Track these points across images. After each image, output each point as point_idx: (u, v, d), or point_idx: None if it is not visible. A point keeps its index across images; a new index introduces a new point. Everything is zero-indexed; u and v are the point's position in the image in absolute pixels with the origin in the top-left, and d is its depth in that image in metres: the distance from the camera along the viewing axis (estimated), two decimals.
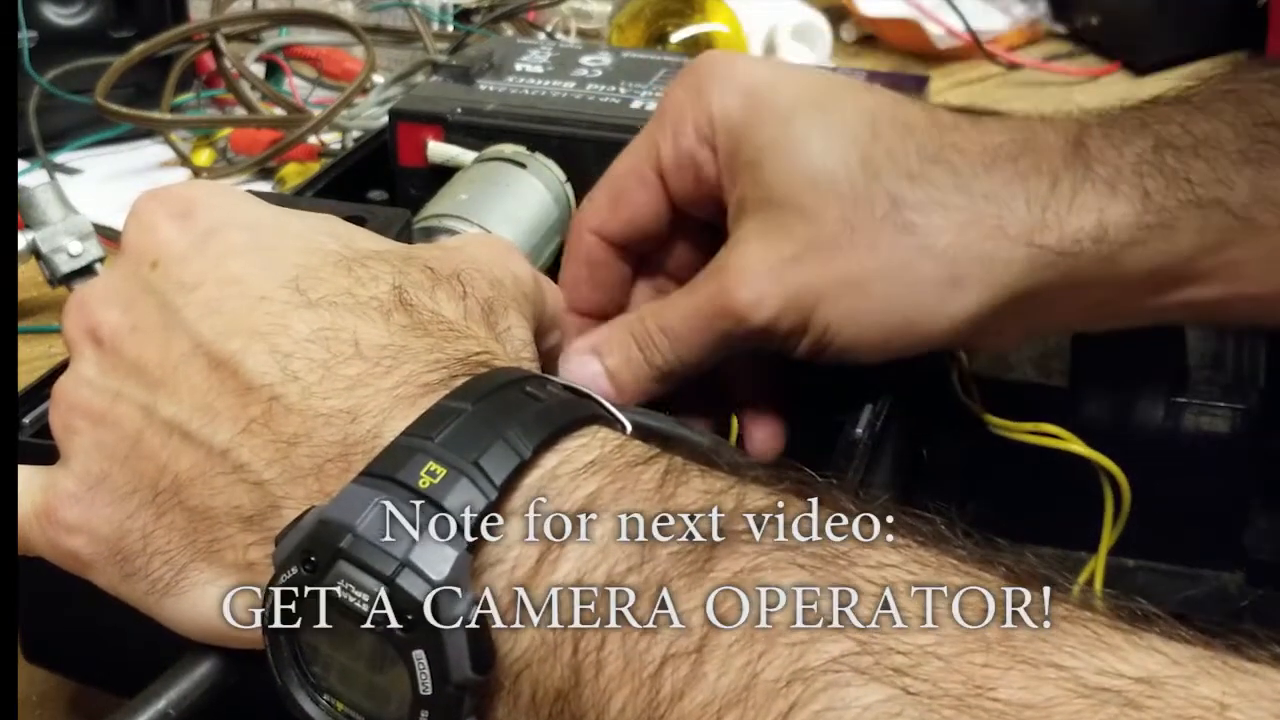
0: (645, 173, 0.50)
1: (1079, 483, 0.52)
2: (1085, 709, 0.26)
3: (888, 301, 0.46)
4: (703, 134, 0.49)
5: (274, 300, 0.36)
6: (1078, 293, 0.47)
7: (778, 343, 0.47)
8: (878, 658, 0.28)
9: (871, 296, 0.46)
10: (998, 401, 0.53)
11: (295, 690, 0.33)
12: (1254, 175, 0.46)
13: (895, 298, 0.46)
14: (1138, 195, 0.46)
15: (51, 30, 0.94)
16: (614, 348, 0.49)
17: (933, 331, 0.46)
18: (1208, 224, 0.46)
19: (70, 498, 0.37)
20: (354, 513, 0.31)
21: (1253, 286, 0.47)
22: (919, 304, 0.46)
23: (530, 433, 0.33)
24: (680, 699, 0.29)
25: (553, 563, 0.31)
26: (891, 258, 0.46)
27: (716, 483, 0.33)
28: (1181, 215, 0.46)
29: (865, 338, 0.47)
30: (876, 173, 0.46)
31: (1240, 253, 0.47)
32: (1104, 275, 0.46)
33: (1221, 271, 0.47)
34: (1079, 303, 0.48)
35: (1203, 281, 0.47)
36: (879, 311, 0.46)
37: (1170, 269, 0.47)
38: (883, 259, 0.46)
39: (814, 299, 0.46)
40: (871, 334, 0.47)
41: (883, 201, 0.46)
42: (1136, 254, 0.46)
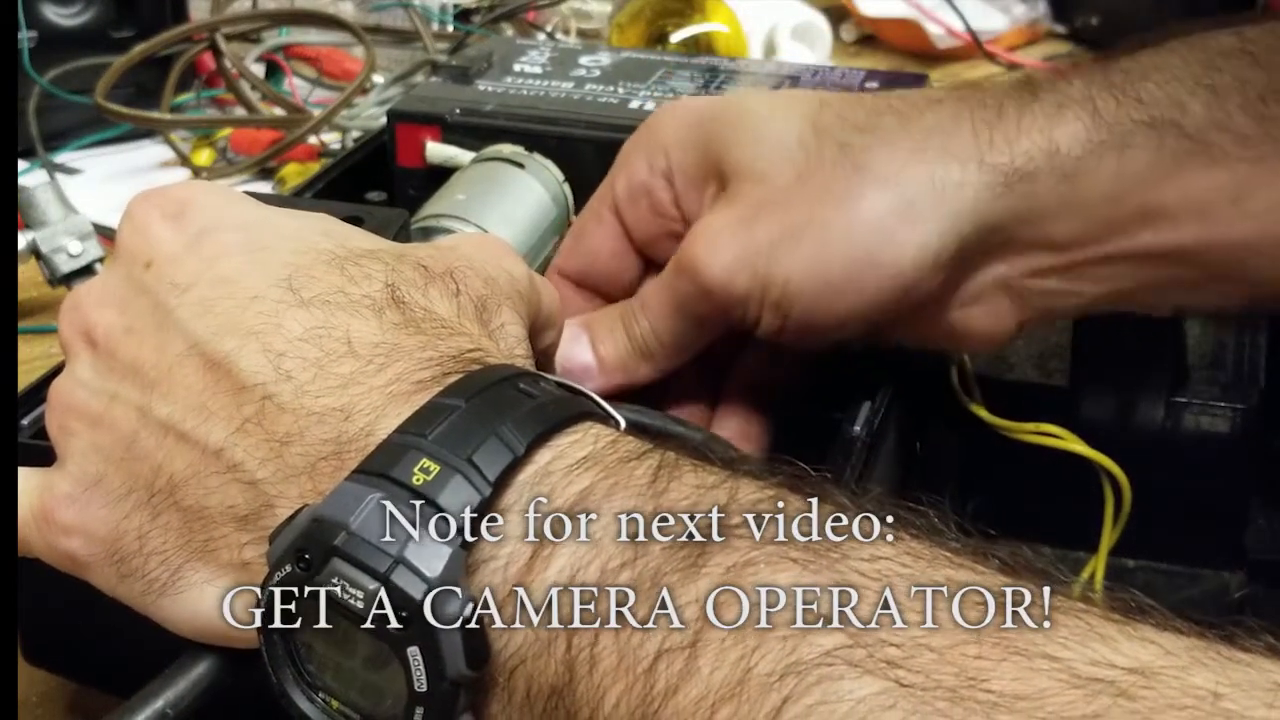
0: (601, 212, 0.52)
1: (1079, 482, 0.52)
2: (1078, 699, 0.26)
3: (845, 242, 0.46)
4: (655, 166, 0.50)
5: (267, 299, 0.36)
6: (1040, 226, 0.46)
7: (739, 309, 0.47)
8: (871, 650, 0.28)
9: (827, 239, 0.46)
10: (998, 401, 0.53)
11: (290, 688, 0.33)
12: (1208, 100, 0.46)
13: (851, 236, 0.46)
14: (1087, 113, 0.46)
15: (51, 30, 0.94)
16: (601, 322, 0.50)
17: (896, 272, 0.46)
18: (1162, 145, 0.46)
19: (66, 499, 0.37)
20: (347, 510, 0.31)
21: (1222, 228, 0.46)
22: (876, 240, 0.46)
23: (523, 429, 0.33)
24: (674, 694, 0.29)
25: (546, 559, 0.31)
26: (844, 197, 0.46)
27: (709, 478, 0.33)
28: (1134, 132, 0.46)
29: (828, 292, 0.46)
30: (826, 130, 0.47)
31: (1202, 184, 0.46)
32: (1063, 201, 0.46)
33: (1187, 208, 0.46)
34: (1044, 239, 0.47)
35: (1170, 220, 0.46)
36: (838, 256, 0.46)
37: (1131, 197, 0.46)
38: (834, 199, 0.46)
39: (769, 251, 0.46)
40: (834, 284, 0.46)
41: (831, 150, 0.47)
42: (1092, 175, 0.46)
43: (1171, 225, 0.46)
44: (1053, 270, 0.48)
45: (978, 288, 0.48)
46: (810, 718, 0.27)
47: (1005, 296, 0.48)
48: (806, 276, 0.46)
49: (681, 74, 0.67)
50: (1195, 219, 0.46)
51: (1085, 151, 0.46)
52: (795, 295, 0.46)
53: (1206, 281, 0.47)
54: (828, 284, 0.46)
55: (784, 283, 0.46)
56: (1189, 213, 0.46)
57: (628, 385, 0.50)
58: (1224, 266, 0.47)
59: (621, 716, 0.29)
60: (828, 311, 0.47)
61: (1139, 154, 0.46)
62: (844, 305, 0.46)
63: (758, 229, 0.47)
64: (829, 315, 0.47)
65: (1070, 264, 0.47)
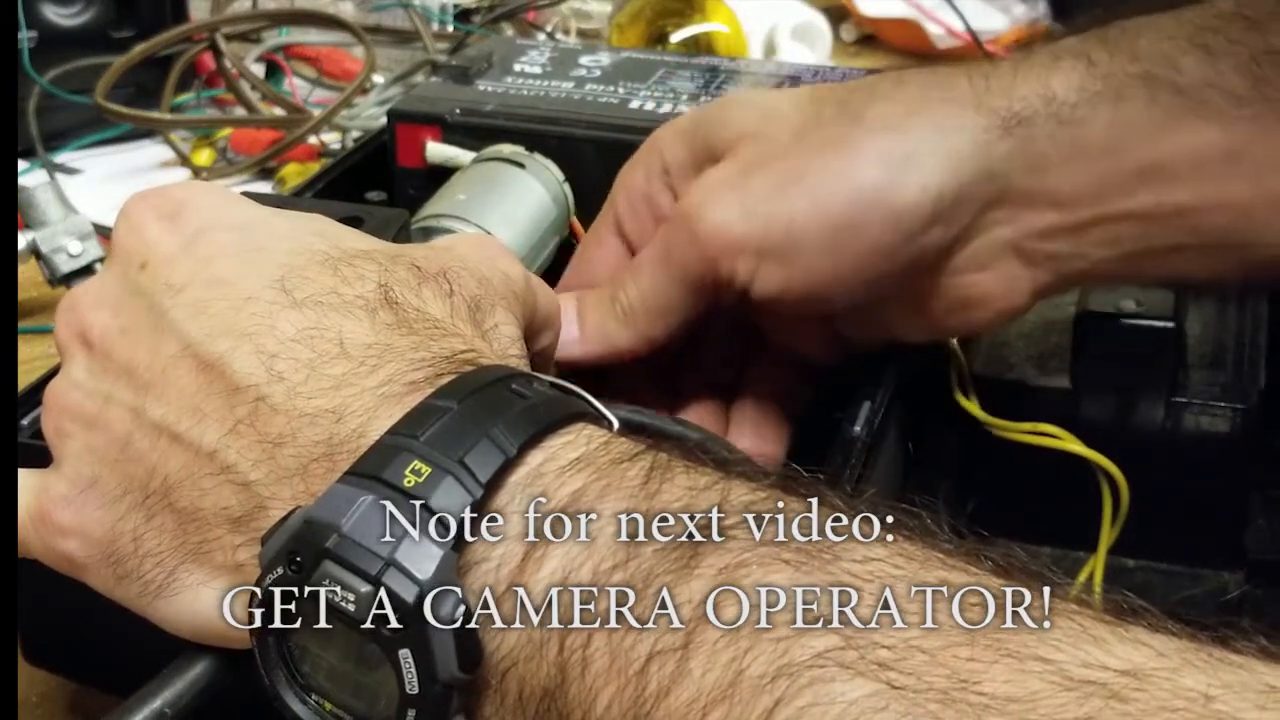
0: (601, 233, 0.52)
1: (1078, 482, 0.52)
2: (1070, 701, 0.26)
3: (845, 184, 0.46)
4: (653, 171, 0.50)
5: (260, 300, 0.36)
6: (1041, 177, 0.46)
7: (735, 261, 0.46)
8: (863, 652, 0.28)
9: (827, 182, 0.46)
10: (998, 401, 0.53)
11: (284, 690, 0.33)
12: (1202, 59, 0.46)
13: (852, 178, 0.46)
14: (1081, 65, 0.47)
15: (51, 30, 0.94)
16: (590, 292, 0.50)
17: (897, 213, 0.46)
18: (1156, 98, 0.46)
19: (63, 501, 0.37)
20: (339, 512, 0.31)
21: (1219, 187, 0.46)
22: (877, 181, 0.46)
23: (516, 431, 0.33)
24: (666, 696, 0.29)
25: (538, 560, 0.31)
26: (844, 144, 0.47)
27: (701, 479, 0.32)
28: (1128, 84, 0.46)
29: (829, 235, 0.46)
30: (822, 96, 0.48)
31: (1198, 140, 0.46)
32: (1061, 150, 0.46)
33: (1184, 165, 0.46)
34: (1047, 194, 0.47)
35: (1167, 177, 0.46)
36: (839, 197, 0.46)
37: (1128, 150, 0.46)
38: (834, 147, 0.47)
39: (768, 196, 0.46)
40: (835, 226, 0.46)
41: (830, 109, 0.48)
42: (1088, 124, 0.46)
43: (1169, 183, 0.46)
44: (1058, 230, 0.47)
45: (986, 250, 0.48)
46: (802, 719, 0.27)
47: (1014, 260, 0.48)
48: (808, 219, 0.46)
49: (682, 74, 0.67)
50: (1192, 176, 0.46)
51: (1081, 99, 0.46)
52: (797, 240, 0.46)
53: (1206, 249, 0.47)
54: (828, 226, 0.46)
55: (785, 226, 0.46)
56: (1186, 169, 0.46)
57: (608, 354, 0.49)
58: (1223, 231, 0.47)
59: (613, 718, 0.29)
60: (829, 260, 0.46)
61: (1133, 106, 0.46)
62: (846, 252, 0.46)
63: (755, 178, 0.47)
64: (830, 265, 0.46)
65: (1074, 224, 0.47)
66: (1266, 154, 0.46)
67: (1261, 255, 0.47)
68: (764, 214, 0.46)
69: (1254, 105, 0.45)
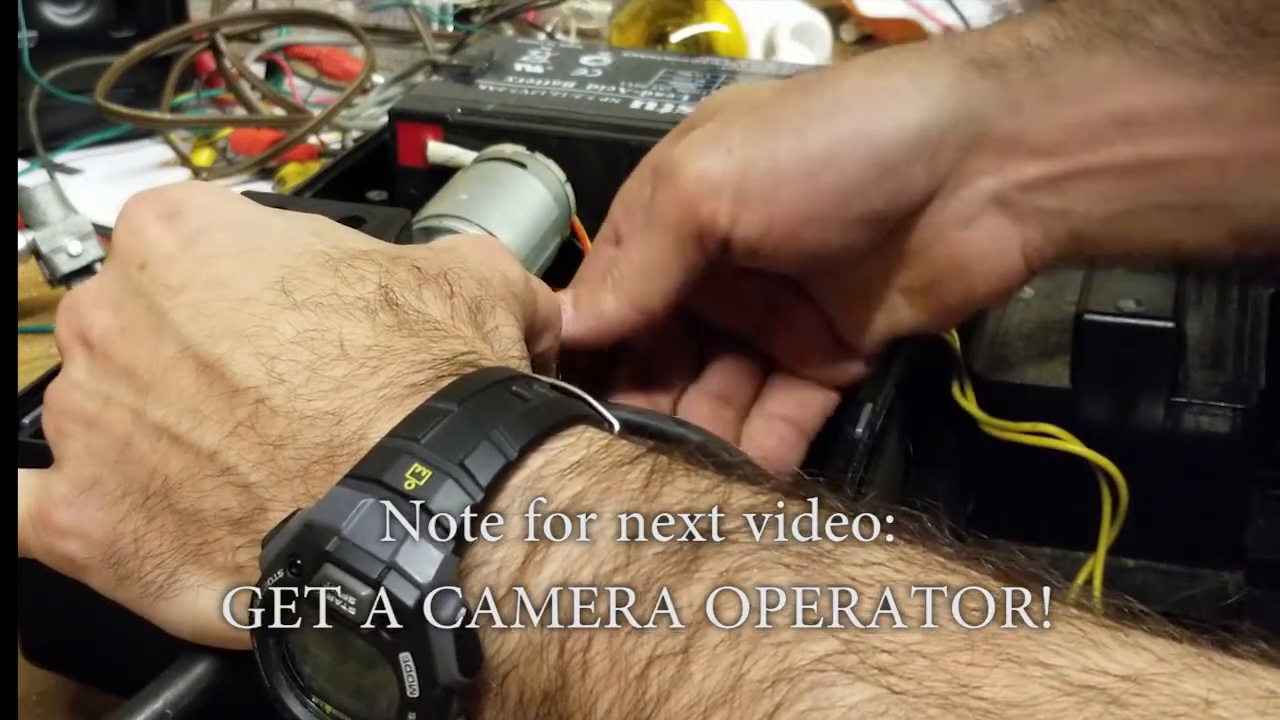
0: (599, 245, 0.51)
1: (1078, 482, 0.52)
2: (1070, 707, 0.26)
3: (825, 121, 0.47)
4: (645, 178, 0.50)
5: (260, 302, 0.36)
6: (1018, 120, 0.47)
7: (716, 207, 0.47)
8: (863, 657, 0.28)
9: (807, 121, 0.47)
10: (997, 401, 0.53)
11: (284, 692, 0.33)
12: (1172, 18, 0.46)
13: (831, 116, 0.47)
14: (1054, 16, 0.48)
15: (51, 30, 0.94)
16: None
17: (876, 146, 0.46)
18: (1129, 51, 0.46)
19: (63, 502, 0.37)
20: (339, 515, 0.31)
21: (1196, 139, 0.46)
22: (855, 116, 0.47)
23: (516, 433, 0.33)
24: (666, 700, 0.29)
25: (539, 564, 0.31)
26: (823, 91, 0.48)
27: (702, 482, 0.32)
28: (1099, 36, 0.47)
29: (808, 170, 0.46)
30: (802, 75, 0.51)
31: (1173, 92, 0.46)
32: (1036, 95, 0.47)
33: (1160, 116, 0.46)
34: (1026, 141, 0.47)
35: (1144, 128, 0.46)
36: (818, 133, 0.47)
37: (1104, 99, 0.46)
38: (814, 95, 0.48)
39: (747, 140, 0.47)
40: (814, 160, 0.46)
41: (807, 76, 0.49)
42: (1062, 70, 0.47)
43: (1147, 134, 0.47)
44: (1040, 182, 0.47)
45: (971, 204, 0.48)
46: None
47: (1000, 214, 0.48)
48: (787, 156, 0.46)
49: (683, 74, 0.67)
50: (1169, 129, 0.46)
51: (1054, 46, 0.47)
52: (777, 178, 0.46)
53: (1192, 210, 0.47)
54: (807, 161, 0.46)
55: (765, 164, 0.46)
56: (1163, 121, 0.46)
57: (604, 329, 0.49)
58: (1205, 188, 0.47)
59: None
60: (809, 197, 0.46)
61: (1107, 57, 0.47)
62: (826, 189, 0.46)
63: (734, 127, 0.48)
64: (810, 203, 0.46)
65: (1056, 174, 0.47)
66: (1243, 109, 0.46)
67: (1246, 219, 0.47)
68: (742, 155, 0.47)
69: (1227, 61, 0.46)
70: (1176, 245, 0.48)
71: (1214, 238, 0.48)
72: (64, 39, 0.94)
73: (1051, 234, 0.48)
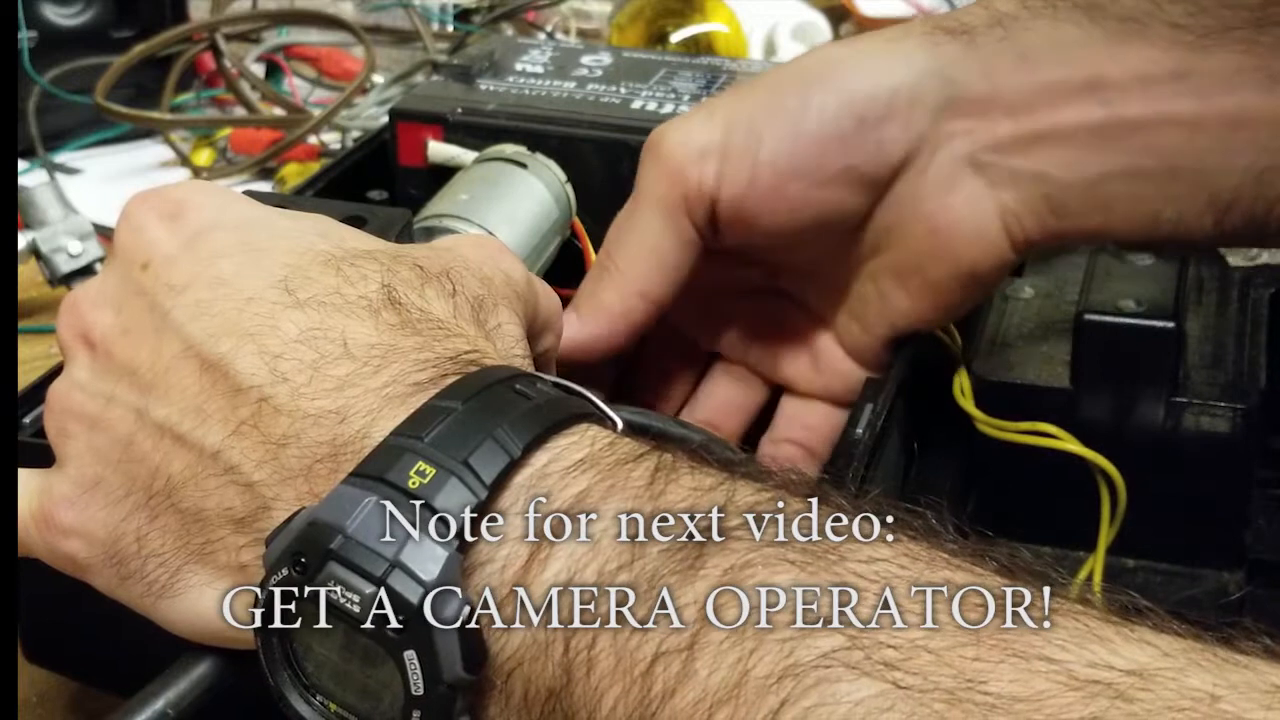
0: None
1: (1079, 482, 0.52)
2: (1076, 701, 0.26)
3: (798, 76, 0.49)
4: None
5: (263, 301, 0.36)
6: (989, 80, 0.47)
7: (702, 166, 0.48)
8: (868, 652, 0.28)
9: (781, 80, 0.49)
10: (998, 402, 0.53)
11: (288, 691, 0.33)
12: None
13: (805, 71, 0.49)
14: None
15: (51, 30, 0.94)
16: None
17: (850, 96, 0.47)
18: (1094, 21, 0.47)
19: (65, 501, 0.37)
20: (344, 514, 0.31)
21: (1167, 103, 0.46)
22: (830, 69, 0.49)
23: (520, 431, 0.33)
24: (672, 696, 0.29)
25: (543, 561, 0.31)
26: (801, 60, 0.51)
27: (706, 480, 0.32)
28: (1066, 7, 0.48)
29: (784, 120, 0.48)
30: None
31: (1141, 57, 0.47)
32: (1006, 56, 0.47)
33: (1129, 79, 0.47)
34: (997, 100, 0.47)
35: (1115, 90, 0.47)
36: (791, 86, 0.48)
37: (1072, 62, 0.47)
38: (793, 64, 0.51)
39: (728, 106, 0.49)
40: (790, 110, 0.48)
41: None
42: (1030, 34, 0.48)
43: (1116, 96, 0.47)
44: (1012, 142, 0.48)
45: (946, 169, 0.48)
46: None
47: (975, 177, 0.48)
48: (766, 111, 0.48)
49: (683, 74, 0.67)
50: (1139, 92, 0.47)
51: (1022, 13, 0.48)
52: (757, 133, 0.48)
53: (1165, 175, 0.47)
54: (784, 111, 0.48)
55: (745, 122, 0.48)
56: (1132, 84, 0.47)
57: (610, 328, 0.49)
58: (1176, 151, 0.47)
59: (619, 719, 0.29)
60: (788, 149, 0.48)
61: (1074, 27, 0.47)
62: (804, 138, 0.48)
63: (714, 102, 0.50)
64: (789, 154, 0.48)
65: (1028, 134, 0.48)
66: (1211, 74, 0.46)
67: (1221, 184, 0.46)
68: (723, 117, 0.48)
69: (1193, 32, 0.46)
70: (1156, 217, 0.48)
71: (1192, 207, 0.47)
72: (64, 39, 0.94)
73: (1029, 201, 0.48)
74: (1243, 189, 0.46)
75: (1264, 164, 0.46)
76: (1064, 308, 0.58)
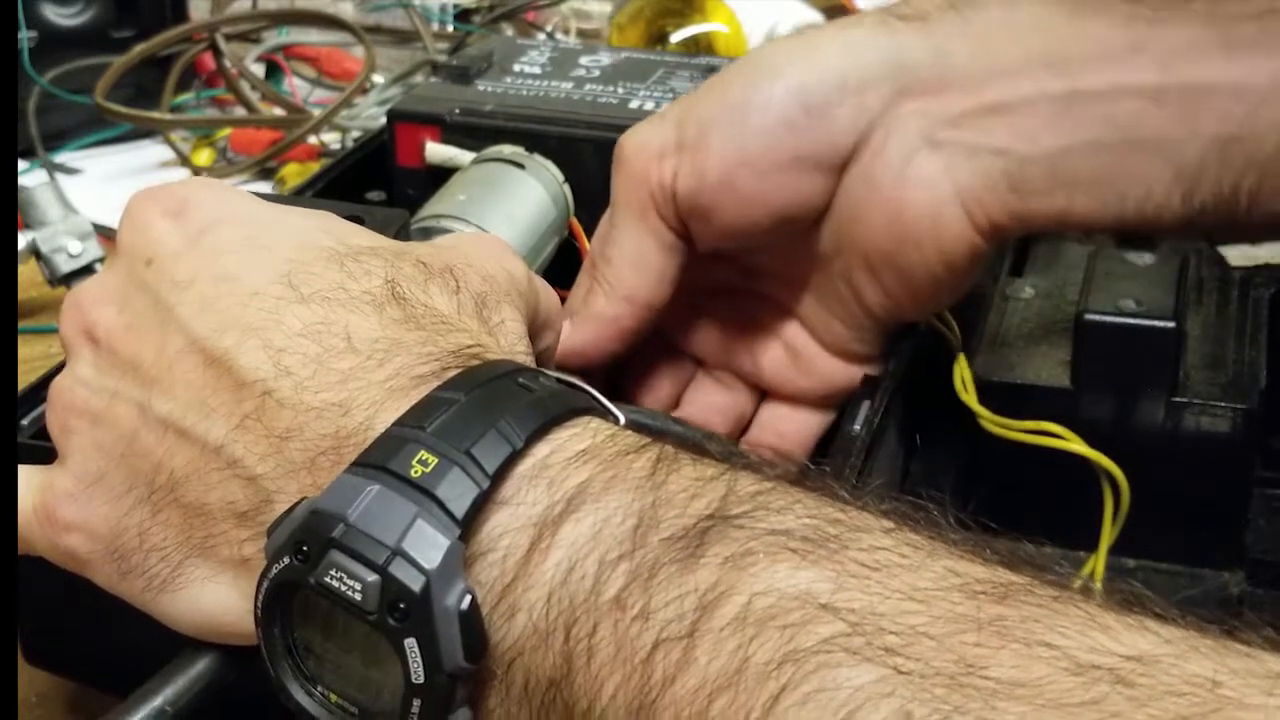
0: None
1: (1080, 482, 0.52)
2: (1076, 686, 0.26)
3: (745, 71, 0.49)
4: None
5: (266, 296, 0.36)
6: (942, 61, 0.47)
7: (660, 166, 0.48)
8: (869, 638, 0.28)
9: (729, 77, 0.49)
10: (998, 401, 0.53)
11: (289, 682, 0.33)
12: None
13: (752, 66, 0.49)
14: None
15: (51, 30, 0.94)
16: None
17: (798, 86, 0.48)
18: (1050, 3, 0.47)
19: (68, 497, 0.37)
20: (346, 502, 0.31)
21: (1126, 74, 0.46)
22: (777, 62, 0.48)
23: (522, 422, 0.33)
24: (672, 684, 0.29)
25: (544, 551, 0.31)
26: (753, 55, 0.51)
27: (707, 470, 0.32)
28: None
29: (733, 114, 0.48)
30: None
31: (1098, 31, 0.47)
32: (963, 39, 0.47)
33: (1087, 52, 0.46)
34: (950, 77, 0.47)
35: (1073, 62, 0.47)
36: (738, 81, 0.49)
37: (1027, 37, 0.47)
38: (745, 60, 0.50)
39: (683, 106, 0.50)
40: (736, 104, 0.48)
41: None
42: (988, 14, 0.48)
43: (1075, 69, 0.47)
44: (967, 115, 0.47)
45: (901, 149, 0.47)
46: (808, 705, 0.27)
47: (932, 156, 0.47)
48: (715, 107, 0.48)
49: (681, 74, 0.67)
50: (1098, 64, 0.47)
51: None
52: (707, 128, 0.48)
53: (1128, 147, 0.47)
54: (730, 105, 0.48)
55: (696, 119, 0.48)
56: (1091, 56, 0.47)
57: (604, 331, 0.50)
58: (1135, 121, 0.46)
59: (619, 707, 0.29)
60: (737, 140, 0.48)
61: (1028, 9, 0.48)
62: (752, 129, 0.48)
63: (674, 105, 0.51)
64: (738, 146, 0.48)
65: (982, 106, 0.47)
66: (1171, 45, 0.46)
67: (1185, 155, 0.46)
68: (676, 116, 0.49)
69: (1149, 5, 0.46)
70: (1122, 197, 0.47)
71: (1158, 184, 0.47)
72: (64, 39, 0.95)
73: (987, 178, 0.47)
74: (1207, 161, 0.46)
75: (1227, 133, 0.45)
76: (1064, 308, 0.58)
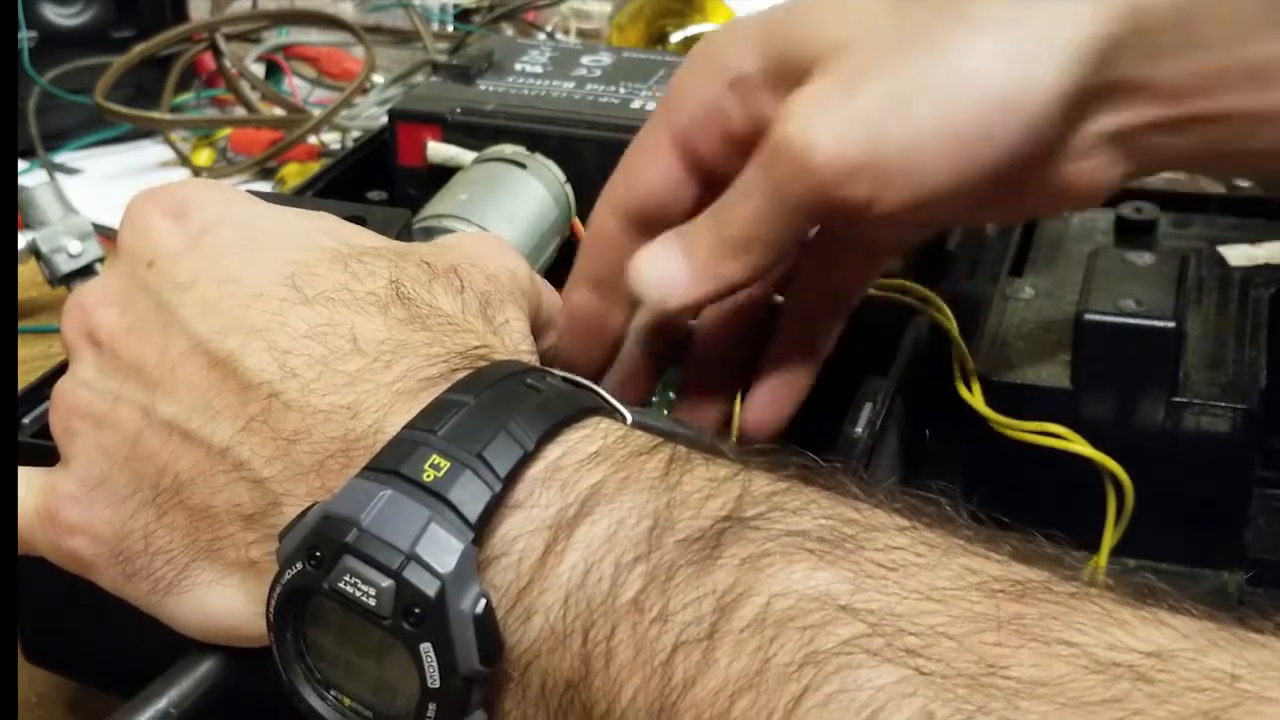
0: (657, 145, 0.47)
1: (1081, 482, 0.52)
2: (1097, 684, 0.26)
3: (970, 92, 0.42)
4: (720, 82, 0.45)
5: (270, 297, 0.36)
6: (1152, 66, 0.44)
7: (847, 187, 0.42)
8: (889, 639, 0.28)
9: (951, 92, 0.42)
10: (999, 401, 0.53)
11: (301, 686, 0.33)
12: None
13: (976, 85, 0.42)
14: None
15: (51, 30, 0.94)
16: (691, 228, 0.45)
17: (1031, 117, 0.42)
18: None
19: (71, 499, 0.37)
20: (359, 507, 0.31)
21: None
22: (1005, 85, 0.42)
23: (533, 424, 0.33)
24: (692, 686, 0.29)
25: (560, 554, 0.31)
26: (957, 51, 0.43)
27: (721, 470, 0.32)
28: None
29: (957, 149, 0.42)
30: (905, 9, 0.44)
31: None
32: (1175, 40, 0.44)
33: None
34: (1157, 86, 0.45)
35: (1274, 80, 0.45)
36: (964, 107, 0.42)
37: (1239, 45, 0.44)
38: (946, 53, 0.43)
39: (882, 115, 0.42)
40: (964, 139, 0.42)
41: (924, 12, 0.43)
42: (1203, 12, 0.44)
43: (1275, 82, 0.45)
44: (1161, 124, 0.45)
45: (1089, 141, 0.45)
46: (829, 706, 0.27)
47: (1112, 150, 0.46)
48: (933, 132, 0.42)
49: None
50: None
51: None
52: (921, 156, 0.42)
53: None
54: (955, 137, 0.42)
55: (906, 142, 0.42)
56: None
57: (717, 290, 0.45)
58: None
59: (639, 709, 0.29)
60: (954, 172, 0.42)
61: (1244, 2, 0.44)
62: (974, 162, 0.42)
63: (862, 94, 0.42)
64: (954, 177, 0.42)
65: (1178, 118, 0.45)
66: None
67: None
68: (880, 133, 0.42)
69: None
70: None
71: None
72: (64, 39, 0.94)
73: (1146, 166, 0.46)
74: None
75: None
76: (1064, 308, 0.58)
